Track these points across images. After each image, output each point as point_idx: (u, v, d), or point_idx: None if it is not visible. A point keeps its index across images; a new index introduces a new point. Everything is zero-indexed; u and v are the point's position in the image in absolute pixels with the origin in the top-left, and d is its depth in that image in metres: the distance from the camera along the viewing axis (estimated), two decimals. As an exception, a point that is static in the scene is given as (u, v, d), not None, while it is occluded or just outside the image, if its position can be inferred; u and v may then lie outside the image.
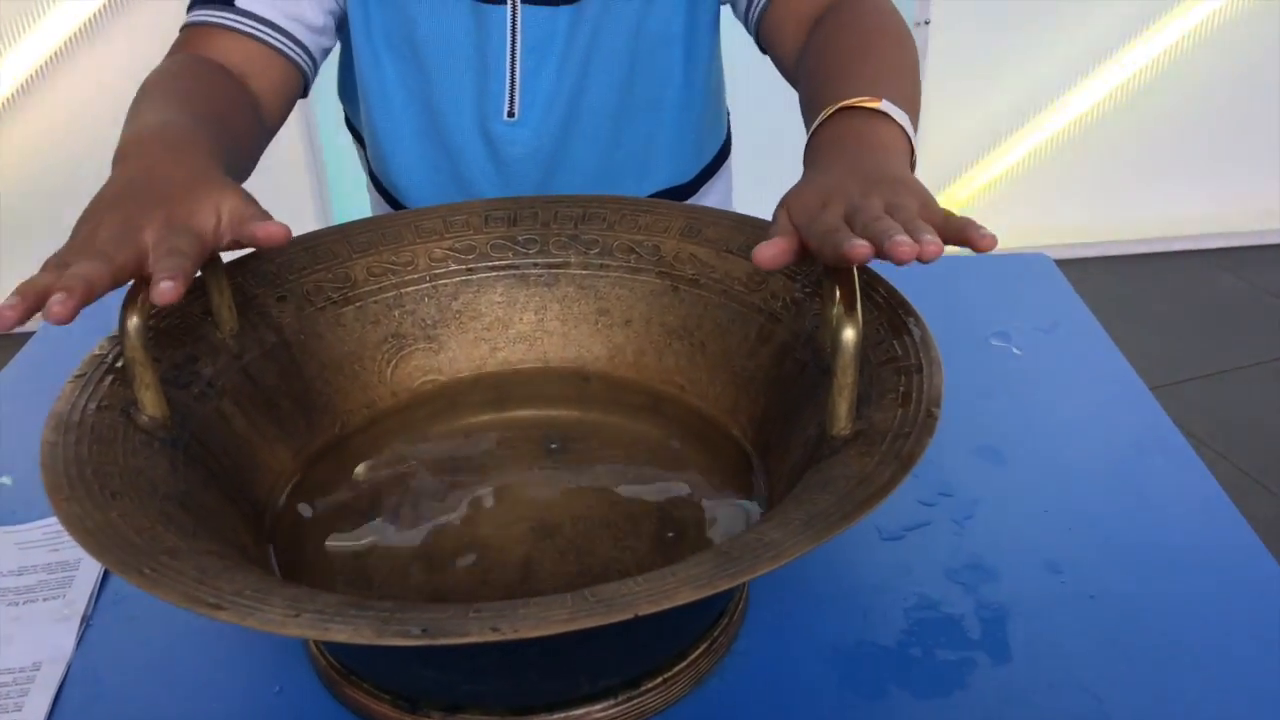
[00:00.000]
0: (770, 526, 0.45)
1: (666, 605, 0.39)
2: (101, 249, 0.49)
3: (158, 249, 0.50)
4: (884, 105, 0.59)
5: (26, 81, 2.01)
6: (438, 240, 0.69)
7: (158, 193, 0.54)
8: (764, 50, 0.81)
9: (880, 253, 0.46)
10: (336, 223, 0.69)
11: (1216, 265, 2.33)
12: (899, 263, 0.46)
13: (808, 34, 0.74)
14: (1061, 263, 0.93)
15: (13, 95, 2.02)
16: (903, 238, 0.46)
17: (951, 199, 2.27)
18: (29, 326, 0.52)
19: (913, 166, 0.59)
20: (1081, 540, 0.62)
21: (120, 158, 0.59)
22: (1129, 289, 2.24)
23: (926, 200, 0.51)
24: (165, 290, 0.47)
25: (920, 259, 0.46)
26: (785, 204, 0.54)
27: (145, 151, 0.58)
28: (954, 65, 2.08)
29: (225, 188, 0.55)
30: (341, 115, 0.96)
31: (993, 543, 0.62)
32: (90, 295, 0.47)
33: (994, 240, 0.47)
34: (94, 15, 1.96)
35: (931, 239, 0.46)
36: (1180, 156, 2.30)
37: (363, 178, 1.00)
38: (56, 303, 0.45)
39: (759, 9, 0.78)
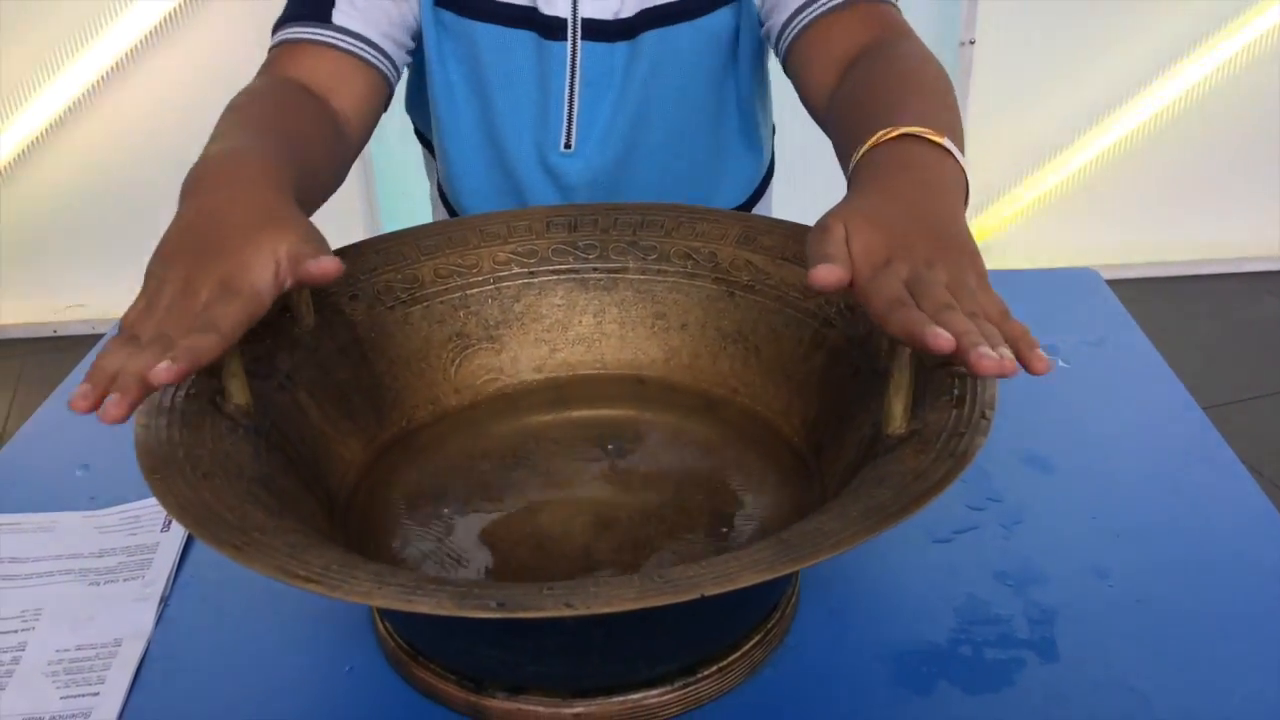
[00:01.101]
0: (829, 518, 0.46)
1: (730, 587, 0.41)
2: (160, 330, 0.49)
3: (199, 316, 0.50)
4: (947, 143, 0.58)
5: (94, 85, 2.08)
6: (501, 244, 0.71)
7: (217, 243, 0.53)
8: (789, 75, 0.80)
9: (961, 356, 0.45)
10: (384, 230, 0.71)
11: (1260, 288, 2.31)
12: (978, 374, 0.45)
13: (839, 75, 0.73)
14: (1104, 282, 0.94)
15: (82, 97, 2.09)
16: (986, 350, 0.45)
17: (995, 218, 2.27)
18: (100, 328, 0.54)
19: (965, 206, 0.58)
20: (1129, 548, 0.63)
21: (187, 190, 0.58)
22: (1171, 311, 2.22)
23: (983, 277, 0.50)
24: (159, 371, 0.46)
25: (1000, 375, 0.45)
26: (847, 229, 0.51)
27: (212, 187, 0.58)
28: (998, 85, 2.09)
29: (284, 229, 0.54)
30: (393, 128, 0.99)
31: (1040, 548, 0.63)
32: (146, 392, 0.47)
33: (1049, 365, 0.47)
34: (163, 20, 2.02)
35: (1010, 357, 0.45)
36: (1223, 178, 2.29)
37: (413, 186, 1.02)
38: (112, 404, 0.46)
39: (788, 41, 0.78)
